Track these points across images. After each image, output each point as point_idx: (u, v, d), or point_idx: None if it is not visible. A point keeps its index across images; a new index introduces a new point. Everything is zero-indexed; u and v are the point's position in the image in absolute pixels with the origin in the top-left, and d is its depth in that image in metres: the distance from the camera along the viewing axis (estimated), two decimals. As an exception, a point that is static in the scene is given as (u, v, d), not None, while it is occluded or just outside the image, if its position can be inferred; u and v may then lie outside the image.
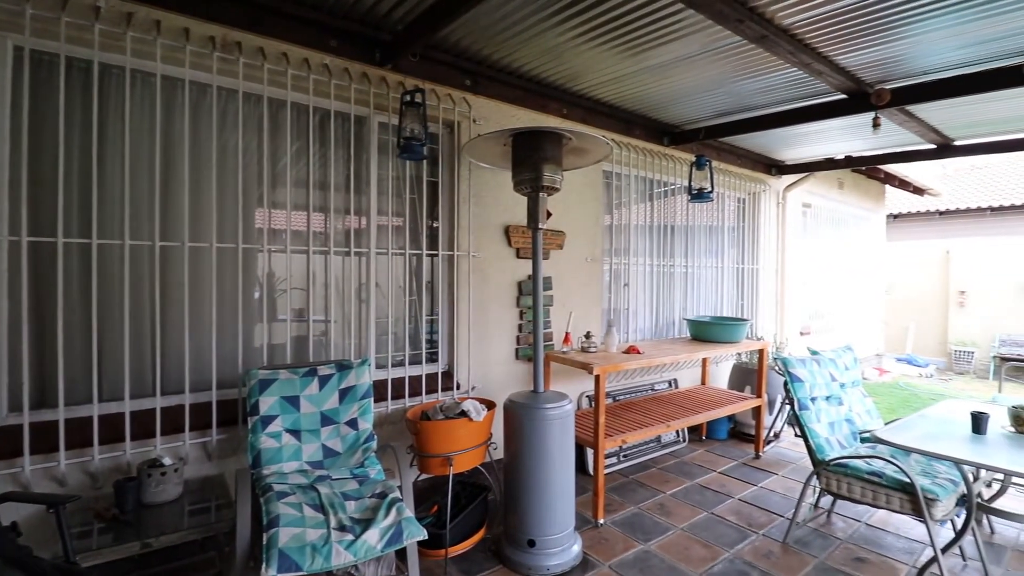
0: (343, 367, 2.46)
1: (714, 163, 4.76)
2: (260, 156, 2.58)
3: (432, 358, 3.20)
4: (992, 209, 11.85)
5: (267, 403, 2.28)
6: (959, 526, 2.51)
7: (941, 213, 12.59)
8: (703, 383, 4.75)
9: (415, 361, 3.09)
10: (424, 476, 2.88)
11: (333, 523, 1.85)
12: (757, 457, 4.17)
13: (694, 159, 4.18)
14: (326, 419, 2.37)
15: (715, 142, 4.79)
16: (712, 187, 4.20)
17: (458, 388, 3.16)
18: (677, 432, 4.40)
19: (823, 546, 2.82)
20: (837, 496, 2.70)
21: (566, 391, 3.75)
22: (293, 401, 2.33)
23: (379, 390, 2.87)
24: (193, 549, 2.17)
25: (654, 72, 3.18)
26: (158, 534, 1.88)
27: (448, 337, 3.23)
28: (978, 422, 2.53)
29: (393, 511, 1.92)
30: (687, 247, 4.85)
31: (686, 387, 4.63)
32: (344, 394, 2.42)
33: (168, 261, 2.38)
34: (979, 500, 2.75)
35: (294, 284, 2.76)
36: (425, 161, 3.09)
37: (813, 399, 2.97)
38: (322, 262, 2.78)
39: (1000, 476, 2.85)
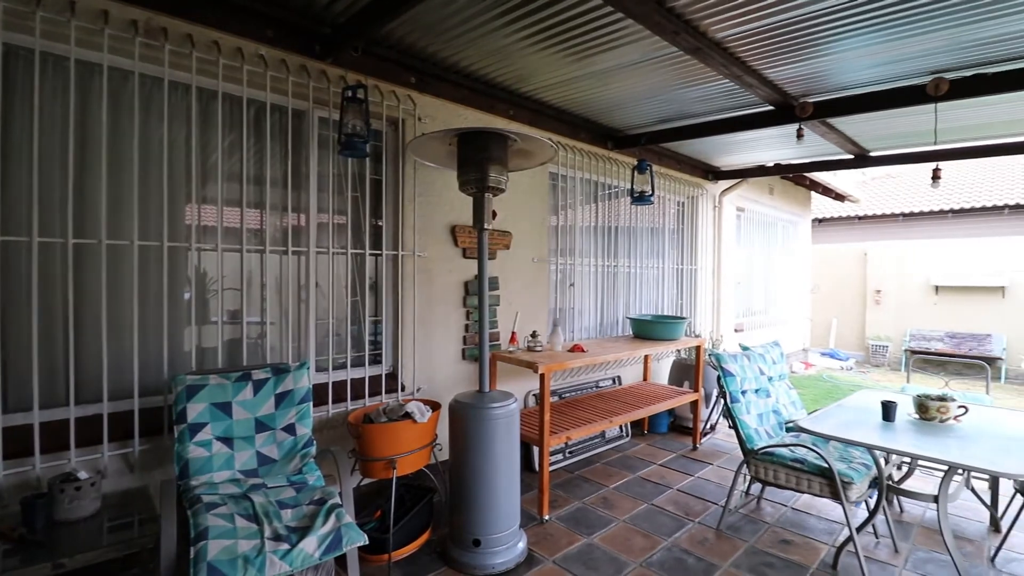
0: (280, 371, 2.37)
1: (655, 167, 4.95)
2: (189, 149, 2.44)
3: (376, 360, 3.14)
4: (904, 215, 12.93)
5: (196, 410, 2.16)
6: (872, 507, 2.73)
7: (860, 218, 13.61)
8: (645, 379, 4.92)
9: (358, 363, 3.02)
10: (368, 481, 2.83)
11: (268, 533, 1.78)
12: (695, 449, 4.37)
13: (636, 163, 4.32)
14: (261, 425, 2.28)
15: (656, 147, 4.97)
16: (653, 190, 4.35)
17: (403, 390, 3.12)
18: (620, 427, 4.53)
19: (753, 531, 2.99)
20: (765, 483, 2.87)
21: (513, 390, 3.79)
22: (224, 407, 2.22)
23: (320, 394, 2.78)
24: (114, 568, 2.02)
25: (598, 77, 3.26)
26: (72, 553, 1.74)
27: (393, 338, 3.18)
28: (888, 410, 2.76)
29: (332, 518, 1.87)
30: (630, 248, 5.01)
31: (629, 383, 4.78)
32: (281, 399, 2.33)
33: (83, 260, 2.20)
34: (890, 482, 3.00)
35: (228, 285, 2.63)
36: (368, 158, 3.02)
37: (743, 392, 3.14)
38: (257, 261, 2.67)
39: (908, 459, 3.13)
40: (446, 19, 2.55)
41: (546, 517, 3.05)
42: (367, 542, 1.84)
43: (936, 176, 3.32)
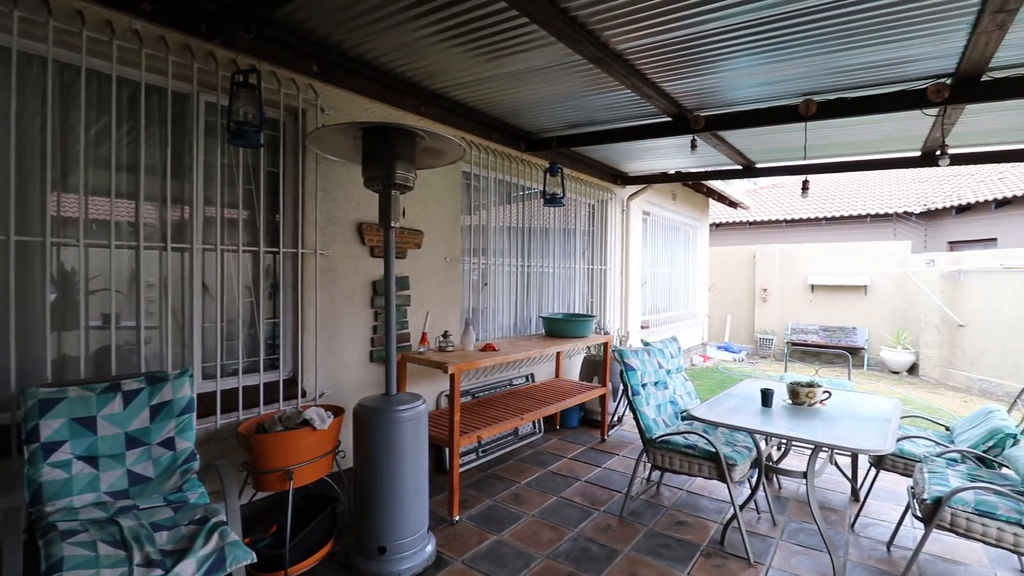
0: (156, 380, 2.14)
1: (567, 171, 5.10)
2: (44, 130, 2.14)
3: (273, 365, 2.94)
4: (786, 221, 14.37)
5: (51, 427, 1.89)
6: (753, 485, 3.00)
7: (750, 224, 14.93)
8: (557, 376, 5.05)
9: (252, 369, 2.81)
10: (264, 494, 2.64)
11: (137, 559, 1.61)
12: (603, 441, 4.56)
13: (548, 166, 4.42)
14: (133, 441, 2.05)
15: (568, 151, 5.12)
16: (564, 193, 4.48)
17: (304, 396, 2.95)
18: (533, 424, 4.61)
19: (652, 515, 3.17)
20: (663, 469, 3.05)
21: (424, 391, 3.75)
22: (87, 423, 1.97)
23: (207, 404, 2.56)
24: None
25: (510, 79, 3.29)
26: None
27: (292, 342, 2.99)
28: (766, 397, 3.05)
29: (215, 537, 1.72)
30: (544, 248, 5.12)
31: (542, 380, 4.89)
32: (157, 411, 2.11)
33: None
34: (768, 462, 3.31)
35: (101, 285, 2.34)
36: (263, 149, 2.83)
37: (644, 385, 3.33)
38: (133, 259, 2.40)
39: (783, 440, 3.47)
40: (348, 7, 2.44)
41: (457, 518, 3.03)
42: (255, 560, 1.72)
43: (805, 187, 3.71)
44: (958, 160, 4.32)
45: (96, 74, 2.29)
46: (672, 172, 6.16)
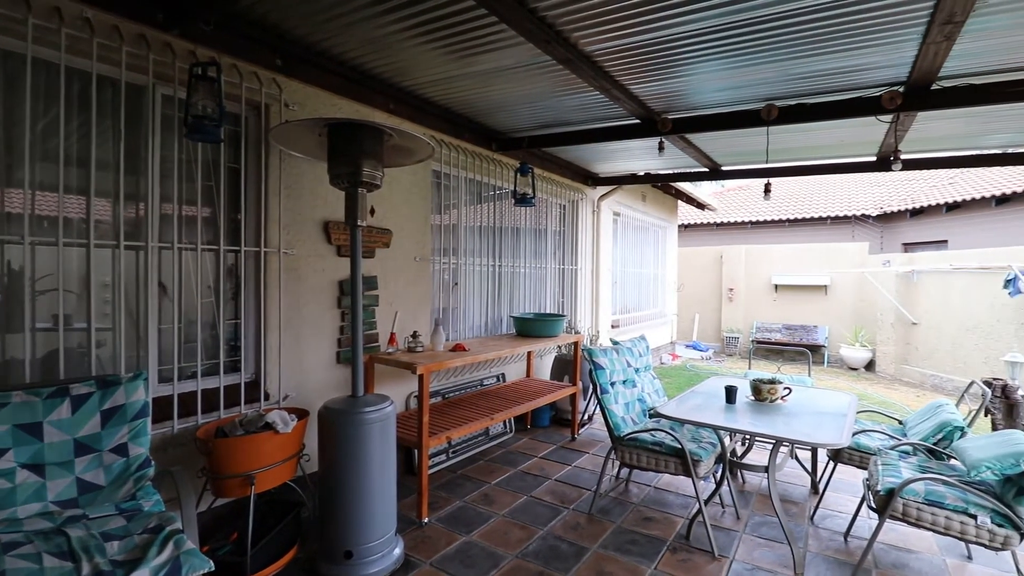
0: (108, 384, 2.05)
1: (537, 171, 5.11)
2: (-16, 121, 2.02)
3: (235, 367, 2.86)
4: (752, 223, 14.77)
5: (-9, 435, 1.79)
6: (717, 480, 3.07)
7: (717, 225, 15.28)
8: (528, 375, 5.06)
9: (212, 372, 2.72)
10: (225, 501, 2.56)
11: (86, 570, 1.54)
12: (573, 439, 4.59)
13: (519, 166, 4.43)
14: (82, 448, 1.95)
15: (538, 151, 5.14)
16: (534, 193, 4.50)
17: (267, 399, 2.87)
18: (504, 423, 4.61)
19: (621, 512, 3.21)
20: (632, 466, 3.10)
21: (393, 393, 3.70)
22: (33, 429, 1.87)
23: (163, 408, 2.47)
24: None
25: (480, 78, 3.27)
26: None
27: (255, 343, 2.91)
28: (730, 394, 3.12)
29: (170, 545, 1.66)
30: (515, 248, 5.12)
31: (513, 380, 4.89)
32: (109, 416, 2.02)
33: None
34: (733, 458, 3.39)
35: (47, 285, 2.23)
36: (224, 144, 2.75)
37: (612, 384, 3.36)
38: (80, 257, 2.29)
39: (746, 436, 3.56)
40: (312, 1, 2.39)
41: (426, 520, 3.01)
42: (212, 568, 1.66)
43: (767, 190, 3.82)
44: (910, 165, 4.51)
45: (44, 64, 2.18)
46: (642, 173, 6.25)
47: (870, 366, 9.33)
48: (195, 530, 1.89)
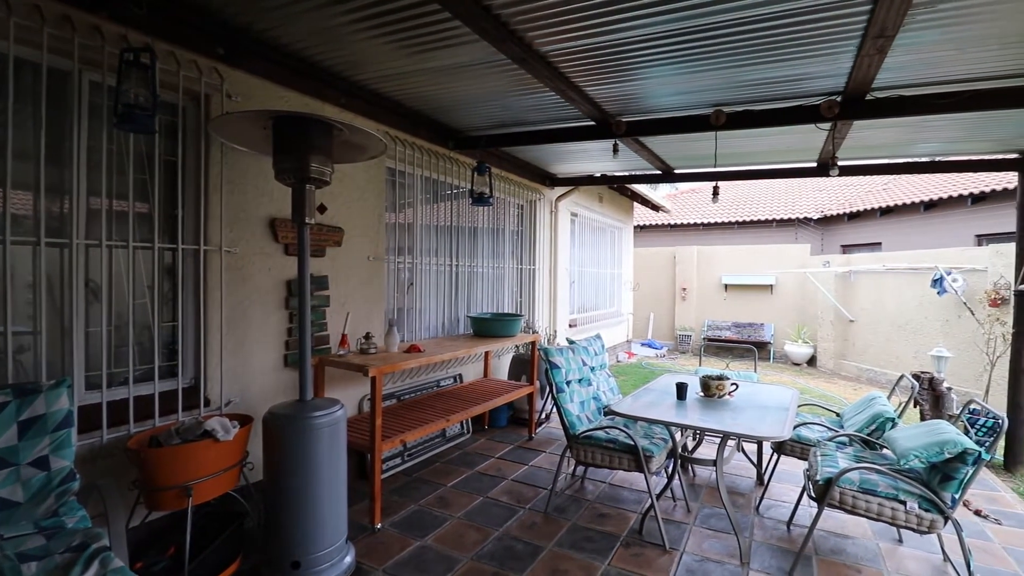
0: (26, 392, 1.89)
1: (495, 170, 5.09)
2: None
3: (172, 372, 2.70)
4: (703, 225, 15.26)
5: None
6: (669, 475, 3.14)
7: (671, 226, 15.70)
8: (486, 376, 5.04)
9: (147, 378, 2.56)
10: (161, 514, 2.41)
11: (-5, 598, 1.41)
12: (531, 439, 4.60)
13: (476, 165, 4.40)
14: (-5, 462, 1.80)
15: (496, 150, 5.12)
16: (491, 192, 4.48)
17: (207, 405, 2.73)
18: (462, 424, 4.58)
19: (576, 509, 3.24)
20: (587, 464, 3.12)
21: (345, 396, 3.60)
22: (-65, 443, 1.70)
23: (91, 417, 2.30)
24: None
25: (436, 74, 3.21)
26: None
27: (194, 346, 2.76)
28: (680, 390, 3.20)
29: (95, 565, 1.54)
30: (473, 248, 5.09)
31: (470, 380, 4.86)
32: (27, 426, 1.86)
33: None
34: (684, 453, 3.48)
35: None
36: (159, 136, 2.59)
37: (568, 383, 3.39)
38: (-4, 254, 2.10)
39: (696, 431, 3.66)
40: (256, -14, 2.29)
41: (379, 525, 2.94)
42: (142, 588, 1.56)
43: (715, 193, 3.95)
44: (848, 171, 4.77)
45: (-52, 42, 1.99)
46: (598, 175, 6.34)
47: (812, 361, 9.82)
48: (124, 546, 1.77)
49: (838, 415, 3.73)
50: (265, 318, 3.05)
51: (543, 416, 5.09)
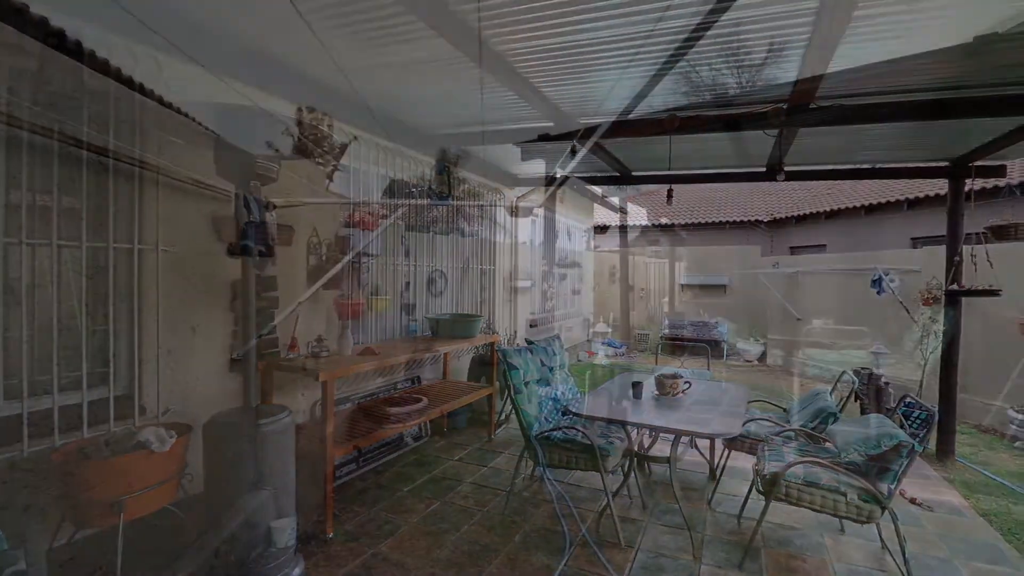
0: (-73, 404, 1.72)
1: (457, 169, 5.03)
2: None
3: (102, 379, 2.52)
4: (662, 226, 15.61)
5: None
6: (625, 473, 3.18)
7: (631, 228, 15.99)
8: (445, 377, 4.97)
9: (74, 386, 2.38)
10: (89, 531, 2.25)
11: None
12: (490, 440, 4.57)
13: (435, 164, 4.33)
14: None
15: (458, 149, 5.05)
16: (450, 191, 4.42)
17: (143, 414, 2.56)
18: (420, 427, 4.50)
19: (533, 510, 3.23)
20: (544, 464, 3.12)
21: (296, 402, 3.47)
22: None
23: (12, 428, 2.12)
24: None
25: (395, 70, 3.12)
26: None
27: (127, 351, 2.58)
28: (636, 389, 3.24)
29: (4, 593, 1.41)
30: (432, 248, 5.01)
31: (429, 382, 4.78)
32: (-72, 442, 1.70)
33: None
34: (640, 451, 3.53)
35: None
36: (86, 126, 2.42)
37: (527, 383, 3.38)
38: None
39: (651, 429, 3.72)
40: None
41: (331, 535, 2.84)
42: (60, 615, 1.44)
43: (669, 195, 4.03)
44: (793, 176, 4.96)
45: None
46: (558, 176, 6.37)
47: (763, 358, 10.21)
48: (43, 569, 1.63)
49: (785, 410, 3.87)
50: (208, 321, 2.89)
51: (503, 417, 5.07)
